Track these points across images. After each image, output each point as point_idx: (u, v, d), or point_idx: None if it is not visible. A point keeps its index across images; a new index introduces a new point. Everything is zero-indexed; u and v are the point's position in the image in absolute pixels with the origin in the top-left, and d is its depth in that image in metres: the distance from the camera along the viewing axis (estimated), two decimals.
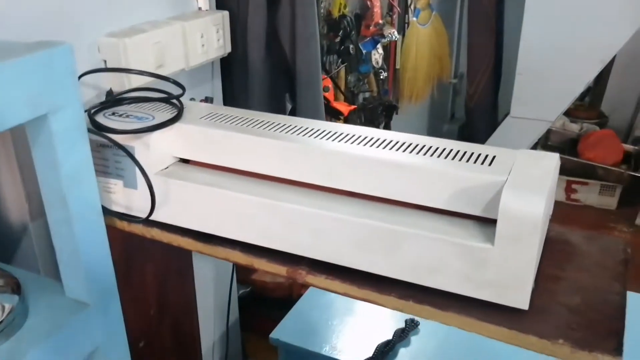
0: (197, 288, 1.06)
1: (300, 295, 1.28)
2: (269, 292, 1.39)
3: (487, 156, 0.59)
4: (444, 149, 0.61)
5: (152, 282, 0.93)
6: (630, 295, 1.19)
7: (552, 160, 0.58)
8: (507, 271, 0.53)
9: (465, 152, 0.60)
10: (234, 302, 1.31)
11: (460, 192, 0.56)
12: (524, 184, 0.53)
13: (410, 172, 0.58)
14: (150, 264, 0.91)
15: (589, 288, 0.58)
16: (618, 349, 0.50)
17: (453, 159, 0.59)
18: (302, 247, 0.62)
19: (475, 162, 0.58)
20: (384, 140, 0.63)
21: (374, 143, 0.63)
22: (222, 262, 1.23)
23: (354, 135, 0.64)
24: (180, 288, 1.01)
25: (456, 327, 0.55)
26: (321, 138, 0.64)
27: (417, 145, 0.62)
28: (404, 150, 0.61)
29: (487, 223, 0.56)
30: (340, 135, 0.65)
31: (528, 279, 0.53)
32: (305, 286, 1.41)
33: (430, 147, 0.62)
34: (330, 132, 0.65)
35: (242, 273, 1.40)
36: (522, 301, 0.54)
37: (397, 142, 0.63)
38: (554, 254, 0.63)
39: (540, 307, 0.55)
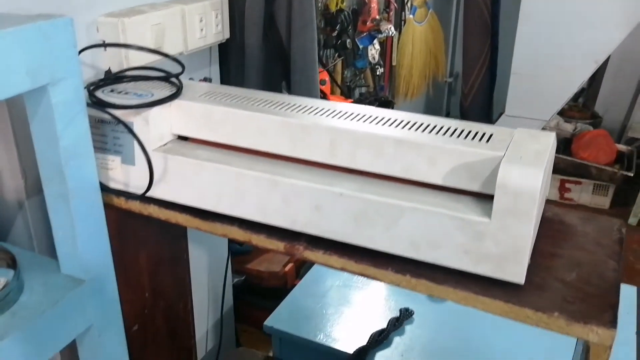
0: (192, 276, 1.06)
1: (294, 285, 1.28)
2: (263, 281, 1.39)
3: (484, 134, 0.60)
4: (442, 127, 0.61)
5: (146, 267, 0.92)
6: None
7: (549, 138, 0.59)
8: (504, 245, 0.54)
9: (463, 130, 0.60)
10: (228, 291, 1.31)
11: (458, 168, 0.57)
12: (522, 159, 0.54)
13: (409, 148, 0.58)
14: (145, 250, 0.91)
15: (585, 265, 0.58)
16: (613, 322, 0.50)
17: (451, 135, 0.59)
18: (301, 223, 0.62)
19: (473, 139, 0.59)
20: (383, 118, 0.64)
21: (373, 120, 0.63)
22: (217, 250, 1.24)
23: (352, 113, 0.65)
24: (174, 275, 1.01)
25: (453, 301, 0.56)
26: (321, 115, 0.64)
27: (415, 123, 0.62)
28: (403, 127, 0.61)
29: (485, 199, 0.56)
30: (339, 112, 0.65)
31: (524, 253, 0.53)
32: (299, 276, 1.42)
33: (429, 124, 0.62)
34: (329, 110, 0.66)
35: (237, 262, 1.39)
36: (518, 275, 0.54)
37: (396, 120, 0.63)
38: (551, 233, 0.63)
39: (536, 282, 0.55)
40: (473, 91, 2.87)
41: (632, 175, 2.64)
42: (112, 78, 0.74)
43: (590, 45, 2.09)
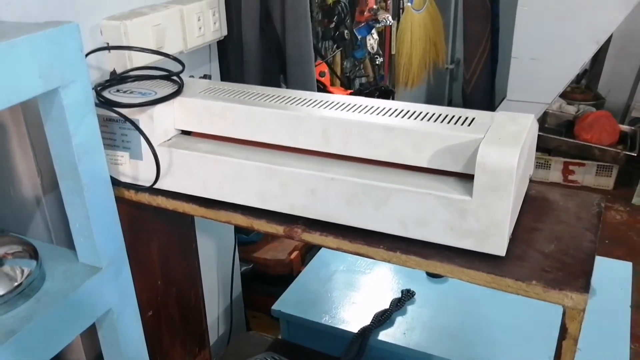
0: (202, 265, 1.11)
1: (300, 272, 1.33)
2: (270, 269, 1.44)
3: (467, 118, 0.64)
4: (427, 113, 0.65)
5: (158, 257, 0.98)
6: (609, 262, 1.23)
7: (527, 120, 0.62)
8: (485, 221, 0.58)
9: (446, 115, 0.64)
10: (236, 279, 1.36)
11: (441, 151, 0.61)
12: (500, 140, 0.58)
13: (396, 134, 0.62)
14: (155, 240, 0.96)
15: (564, 237, 0.62)
16: (585, 287, 0.54)
17: (435, 121, 0.63)
18: (298, 208, 0.67)
19: (455, 123, 0.63)
20: (372, 107, 0.68)
21: (362, 110, 0.67)
22: (224, 240, 1.29)
23: (343, 104, 0.69)
24: (185, 264, 1.06)
25: (440, 273, 0.60)
26: (314, 107, 0.68)
27: (401, 111, 0.66)
28: (390, 115, 0.65)
29: (467, 178, 0.61)
30: (331, 103, 0.69)
31: (505, 227, 0.58)
32: (305, 263, 1.46)
33: (415, 111, 0.66)
34: (322, 101, 0.70)
35: (244, 251, 1.45)
36: (499, 248, 0.58)
37: (384, 109, 0.67)
38: (533, 209, 0.68)
39: (517, 254, 0.60)
40: (475, 76, 2.88)
41: (635, 155, 2.65)
42: (117, 78, 0.78)
43: (591, 26, 2.09)
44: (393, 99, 2.14)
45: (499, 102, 2.69)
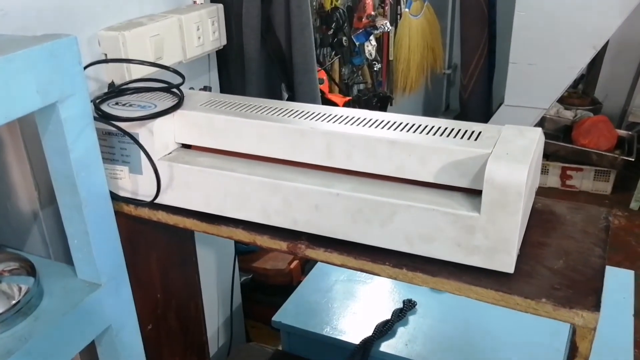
0: (201, 276, 1.09)
1: (299, 282, 1.32)
2: (270, 279, 1.43)
3: (473, 132, 0.63)
4: (433, 127, 0.64)
5: (157, 270, 0.96)
6: (615, 270, 1.23)
7: (535, 133, 0.62)
8: (493, 237, 0.57)
9: (453, 129, 0.64)
10: (236, 289, 1.35)
11: (448, 166, 0.60)
12: (508, 155, 0.57)
13: (401, 149, 0.61)
14: (155, 253, 0.94)
15: (572, 253, 0.61)
16: (596, 306, 0.53)
17: (441, 135, 0.62)
18: (302, 223, 0.65)
19: (462, 137, 0.62)
20: (376, 121, 0.67)
21: (366, 123, 0.66)
22: (224, 250, 1.28)
23: (347, 117, 0.68)
24: (184, 276, 1.05)
25: (447, 291, 0.59)
26: (317, 120, 0.67)
27: (407, 124, 0.65)
28: (395, 129, 0.64)
29: (474, 194, 0.60)
30: (335, 116, 0.68)
31: (513, 244, 0.57)
32: (305, 273, 1.45)
33: (420, 125, 0.65)
34: (325, 114, 0.69)
35: (243, 261, 1.43)
36: (507, 265, 0.57)
37: (389, 122, 0.66)
38: (540, 224, 0.67)
39: (525, 270, 0.59)
40: (472, 82, 2.89)
41: (633, 160, 2.65)
42: (116, 91, 0.77)
43: (588, 31, 2.09)
44: (391, 104, 2.13)
45: (496, 107, 2.69)
